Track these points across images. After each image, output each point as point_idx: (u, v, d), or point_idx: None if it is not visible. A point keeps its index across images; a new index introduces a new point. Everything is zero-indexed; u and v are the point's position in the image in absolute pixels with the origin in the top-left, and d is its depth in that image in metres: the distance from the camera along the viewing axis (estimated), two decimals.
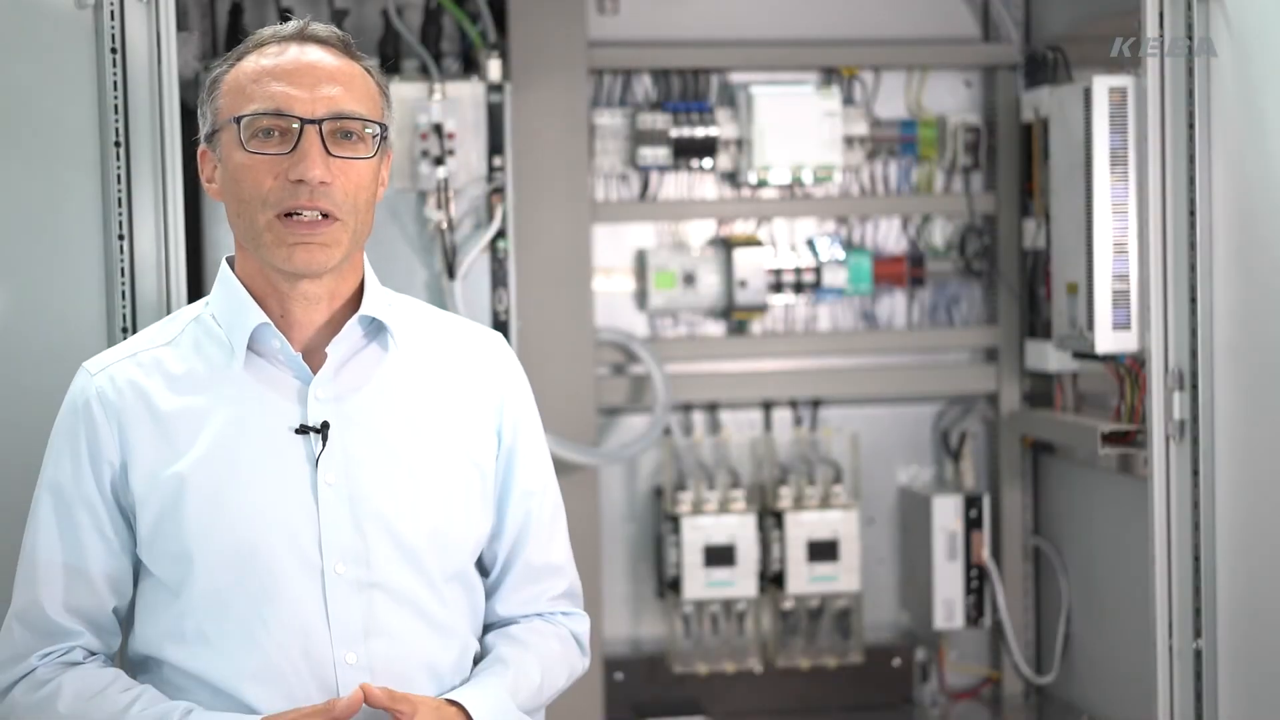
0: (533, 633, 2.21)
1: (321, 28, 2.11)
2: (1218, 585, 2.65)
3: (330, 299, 2.10)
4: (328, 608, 2.04)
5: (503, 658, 2.15)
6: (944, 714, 3.71)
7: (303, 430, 2.06)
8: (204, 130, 2.11)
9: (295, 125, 2.02)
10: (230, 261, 2.15)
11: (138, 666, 2.12)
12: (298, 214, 2.01)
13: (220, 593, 2.03)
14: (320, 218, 2.02)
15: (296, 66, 2.06)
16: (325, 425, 2.06)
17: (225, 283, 2.12)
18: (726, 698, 3.64)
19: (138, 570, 2.11)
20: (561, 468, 3.41)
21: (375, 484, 2.07)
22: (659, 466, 3.66)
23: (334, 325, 2.10)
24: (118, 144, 2.52)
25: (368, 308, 2.11)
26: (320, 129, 2.02)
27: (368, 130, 2.06)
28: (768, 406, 3.74)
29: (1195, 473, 2.66)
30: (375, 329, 2.13)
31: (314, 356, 2.09)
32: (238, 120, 2.03)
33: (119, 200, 2.53)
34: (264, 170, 2.02)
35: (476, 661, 2.16)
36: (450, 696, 2.06)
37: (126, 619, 2.14)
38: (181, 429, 2.06)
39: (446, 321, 2.24)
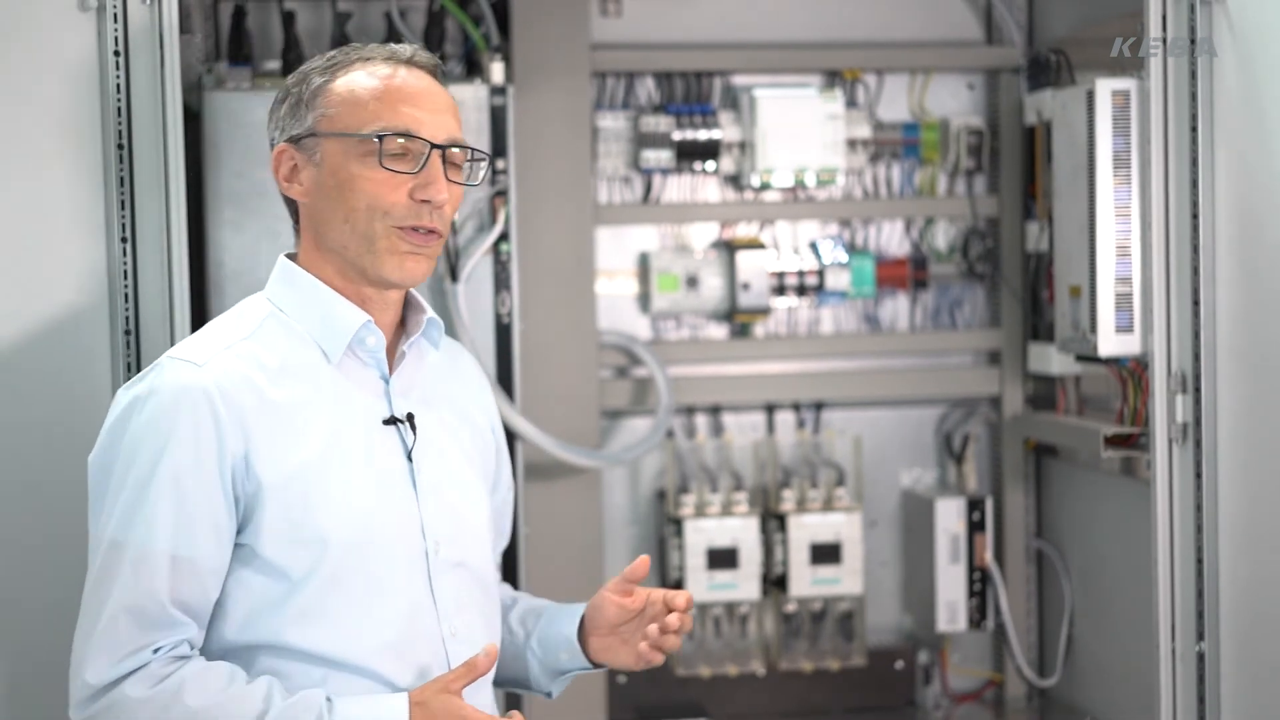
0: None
1: (425, 56, 2.22)
2: (1220, 588, 2.65)
3: (398, 304, 2.24)
4: (432, 586, 2.17)
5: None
6: (947, 716, 3.71)
7: (390, 421, 2.18)
8: (292, 131, 2.18)
9: (425, 149, 2.13)
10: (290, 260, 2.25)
11: (231, 658, 2.12)
12: (416, 228, 2.14)
13: (344, 576, 2.12)
14: (429, 232, 2.15)
15: (418, 92, 2.17)
16: (411, 416, 2.20)
17: (301, 281, 2.21)
18: (729, 700, 3.64)
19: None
20: (564, 470, 3.43)
21: (448, 471, 2.24)
22: (662, 469, 3.66)
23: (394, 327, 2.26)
24: (120, 146, 2.53)
25: (430, 313, 2.27)
26: (442, 154, 2.15)
27: (470, 158, 2.20)
28: (770, 409, 3.74)
29: (1198, 475, 2.66)
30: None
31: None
32: (374, 137, 2.12)
33: (121, 203, 2.54)
34: (387, 186, 2.13)
35: None
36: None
37: (214, 611, 2.15)
38: (295, 419, 2.13)
39: None
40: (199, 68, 3.26)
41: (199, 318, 3.05)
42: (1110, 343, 3.11)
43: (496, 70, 3.28)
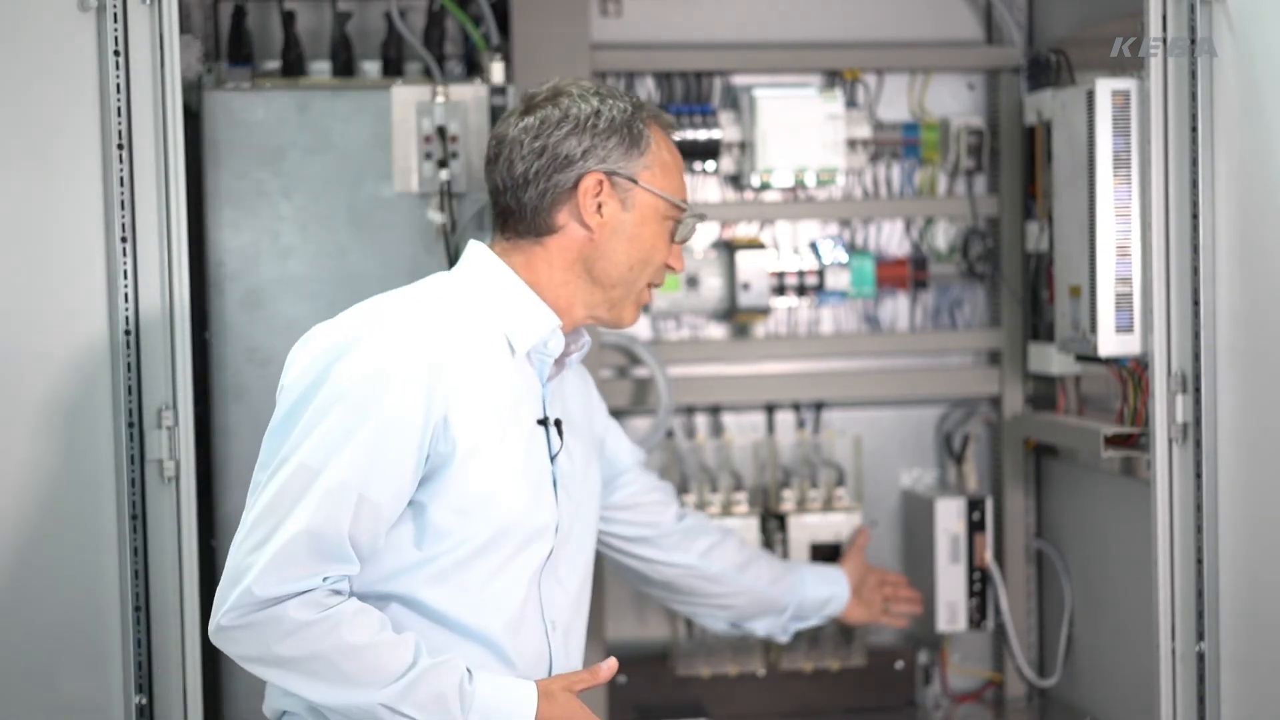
0: None
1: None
2: (1220, 588, 2.65)
3: None
4: (540, 580, 2.36)
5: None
6: (947, 716, 3.71)
7: (541, 423, 2.35)
8: (616, 166, 2.35)
9: (691, 225, 2.43)
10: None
11: (363, 599, 2.24)
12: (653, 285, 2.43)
13: (486, 552, 2.27)
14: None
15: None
16: (559, 422, 2.38)
17: (502, 274, 2.36)
18: (729, 700, 3.64)
19: None
20: None
21: (575, 480, 2.41)
22: (662, 469, 3.66)
23: None
24: (120, 146, 2.53)
25: (587, 337, 2.50)
26: None
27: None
28: (770, 409, 3.74)
29: (1198, 475, 2.66)
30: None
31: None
32: (686, 209, 2.40)
33: (122, 203, 2.54)
34: (664, 248, 2.40)
35: None
36: None
37: None
38: (487, 397, 2.27)
39: None
40: (199, 68, 3.25)
41: (199, 318, 3.06)
42: (1110, 343, 3.10)
43: (496, 70, 3.28)
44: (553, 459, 2.38)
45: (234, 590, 2.14)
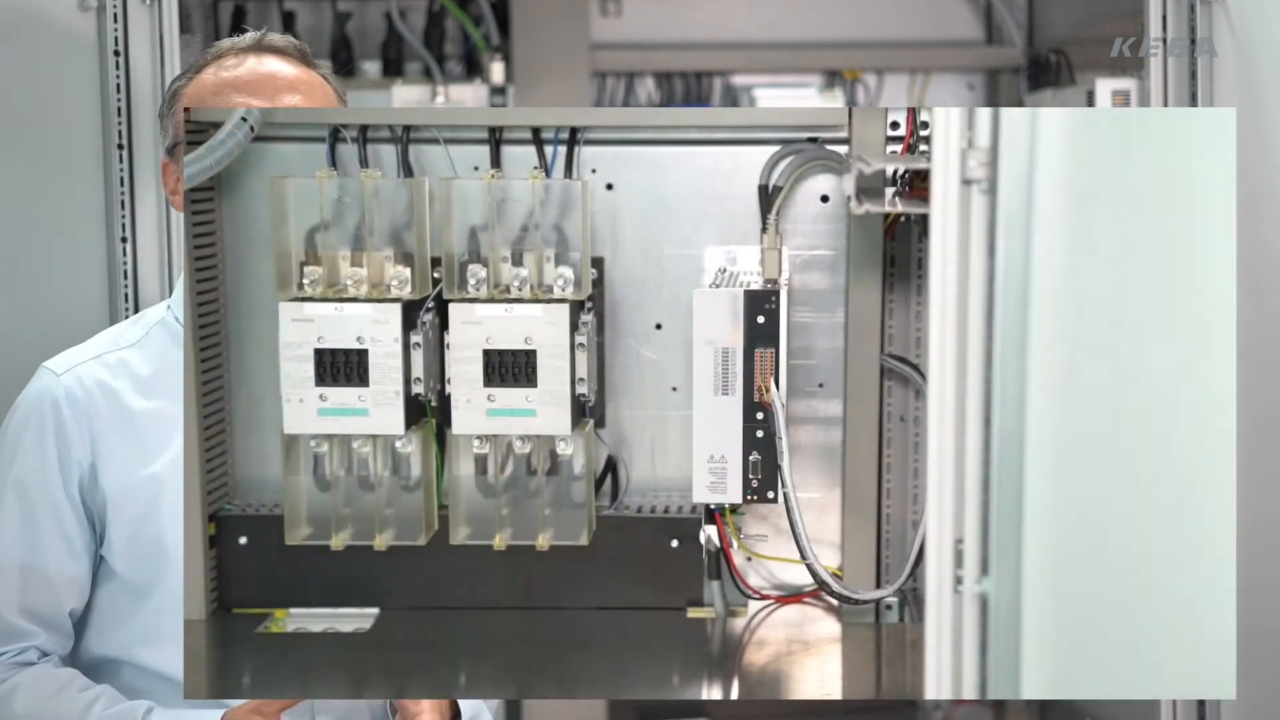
0: None
1: (278, 38, 2.15)
2: None
3: None
4: None
5: None
6: (947, 716, 3.71)
7: None
8: (166, 143, 2.11)
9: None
10: None
11: (97, 670, 2.09)
12: None
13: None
14: None
15: (255, 77, 2.10)
16: None
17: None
18: (729, 700, 3.63)
19: (95, 573, 2.09)
20: None
21: None
22: None
23: None
24: (120, 146, 2.53)
25: None
26: None
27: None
28: None
29: None
30: None
31: None
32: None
33: (121, 203, 2.54)
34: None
35: None
36: None
37: (80, 622, 2.11)
38: (152, 430, 2.06)
39: None
40: None
41: None
42: None
43: (496, 70, 3.28)
44: None
45: None
